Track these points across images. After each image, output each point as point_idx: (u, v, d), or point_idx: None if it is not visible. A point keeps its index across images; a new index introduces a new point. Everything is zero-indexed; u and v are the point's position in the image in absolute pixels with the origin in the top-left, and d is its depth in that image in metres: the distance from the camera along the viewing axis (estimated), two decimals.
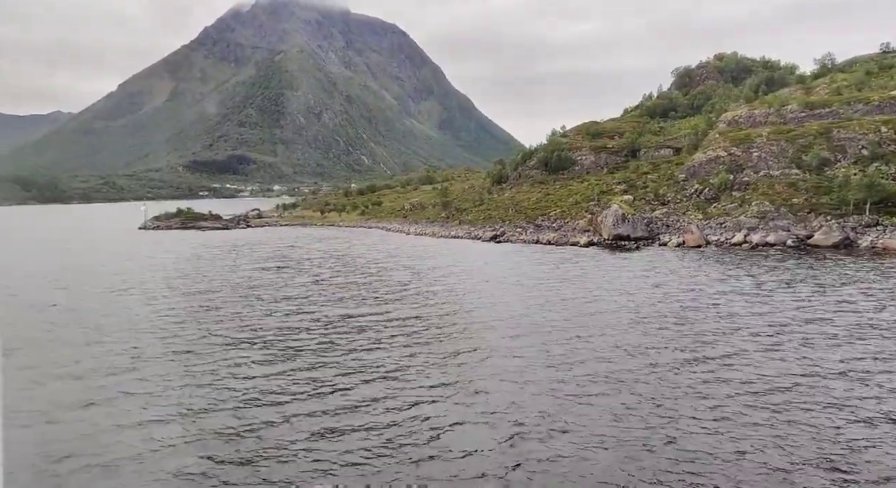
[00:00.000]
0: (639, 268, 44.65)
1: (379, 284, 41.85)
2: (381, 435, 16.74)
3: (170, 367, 23.25)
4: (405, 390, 20.24)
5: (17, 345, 26.59)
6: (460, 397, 19.49)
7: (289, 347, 25.76)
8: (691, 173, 66.71)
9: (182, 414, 18.59)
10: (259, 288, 41.47)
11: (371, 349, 25.17)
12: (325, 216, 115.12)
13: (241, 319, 31.53)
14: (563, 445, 15.91)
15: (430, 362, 23.14)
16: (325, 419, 17.99)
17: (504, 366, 22.34)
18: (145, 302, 36.81)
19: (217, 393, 20.39)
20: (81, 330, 29.53)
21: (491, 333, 27.26)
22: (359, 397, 19.70)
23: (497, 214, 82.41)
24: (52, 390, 20.92)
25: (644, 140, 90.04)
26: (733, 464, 14.71)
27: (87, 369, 23.16)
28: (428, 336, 27.07)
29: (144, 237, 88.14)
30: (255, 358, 24.34)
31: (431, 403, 19.05)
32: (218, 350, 25.61)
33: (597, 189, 77.41)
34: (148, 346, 26.29)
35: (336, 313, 32.42)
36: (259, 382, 21.45)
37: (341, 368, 22.70)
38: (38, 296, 39.04)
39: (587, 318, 29.37)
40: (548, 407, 18.45)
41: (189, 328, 29.70)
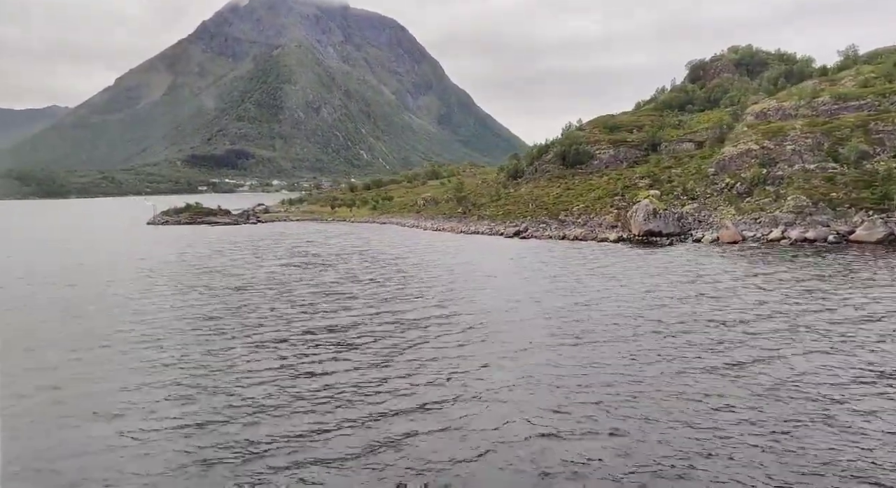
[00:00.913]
0: (682, 267, 42.87)
1: (416, 281, 40.04)
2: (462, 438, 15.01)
3: (229, 367, 21.47)
4: (487, 391, 18.50)
5: (68, 346, 24.83)
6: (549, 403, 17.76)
7: (346, 347, 23.96)
8: (721, 167, 64.93)
9: (264, 414, 16.83)
10: (293, 285, 39.65)
11: (434, 347, 23.41)
12: (335, 211, 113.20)
13: (287, 318, 29.73)
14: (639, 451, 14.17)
15: (498, 362, 21.39)
16: (401, 420, 16.25)
17: (577, 370, 20.60)
18: (183, 300, 34.98)
19: (285, 392, 18.62)
20: (122, 331, 27.72)
21: (545, 332, 25.49)
22: (438, 398, 17.95)
23: (516, 210, 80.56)
24: (105, 388, 19.17)
25: (663, 134, 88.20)
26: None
27: (137, 370, 21.39)
28: (483, 334, 25.30)
29: (156, 233, 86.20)
30: (315, 357, 22.54)
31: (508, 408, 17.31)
32: (271, 350, 23.83)
33: (620, 184, 75.66)
34: (198, 346, 24.52)
35: (384, 310, 30.63)
36: (326, 380, 19.70)
37: (414, 368, 20.94)
38: (67, 298, 37.20)
39: (656, 323, 27.60)
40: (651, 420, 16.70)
41: (236, 327, 27.90)
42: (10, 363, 23.27)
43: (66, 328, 28.92)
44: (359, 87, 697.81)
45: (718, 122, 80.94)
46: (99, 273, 46.96)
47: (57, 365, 22.90)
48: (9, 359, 23.80)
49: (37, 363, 23.16)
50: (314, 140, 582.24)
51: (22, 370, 22.35)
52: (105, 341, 26.20)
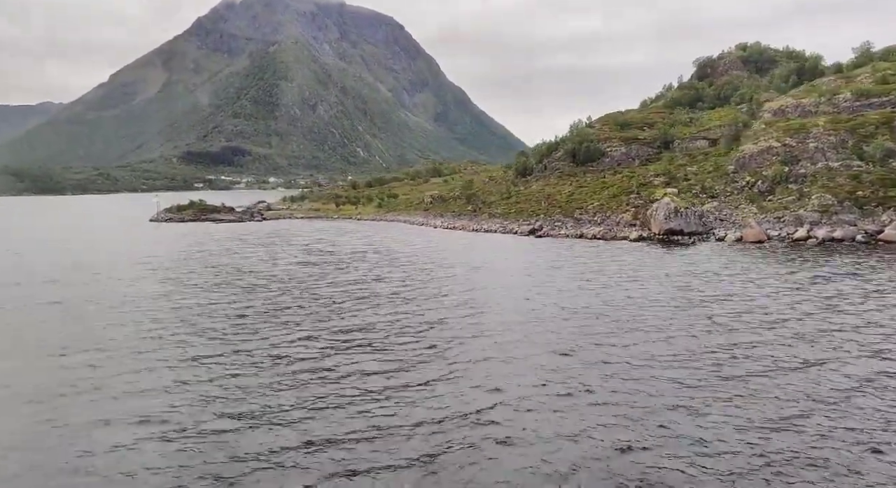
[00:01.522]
0: (713, 266, 41.65)
1: (439, 280, 38.70)
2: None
3: (263, 368, 20.15)
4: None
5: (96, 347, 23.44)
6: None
7: (380, 349, 22.63)
8: (741, 165, 63.79)
9: (300, 419, 15.53)
10: (314, 283, 38.27)
11: (474, 349, 22.13)
12: (340, 209, 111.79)
13: (315, 317, 28.36)
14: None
15: (547, 367, 20.11)
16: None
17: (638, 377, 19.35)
18: (207, 299, 33.59)
19: (321, 395, 17.31)
20: (148, 330, 26.35)
21: (586, 334, 24.24)
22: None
23: (528, 208, 79.32)
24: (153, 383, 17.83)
25: (676, 131, 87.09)
26: None
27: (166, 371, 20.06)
28: (521, 336, 24.02)
29: (160, 230, 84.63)
30: (349, 359, 21.21)
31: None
32: (302, 350, 22.50)
33: (634, 181, 74.50)
34: (227, 346, 23.16)
35: (411, 310, 29.30)
36: (365, 384, 18.37)
37: (456, 373, 19.65)
38: (86, 299, 35.77)
39: (708, 323, 26.35)
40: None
41: (264, 327, 26.52)
42: (35, 365, 21.96)
43: (92, 328, 27.55)
44: (355, 84, 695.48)
45: (733, 120, 79.82)
46: (112, 272, 45.48)
47: (78, 366, 21.57)
48: (34, 362, 22.49)
49: (67, 365, 21.82)
50: (310, 137, 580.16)
51: (51, 372, 21.02)
52: (132, 342, 24.89)
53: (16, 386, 19.95)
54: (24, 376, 21.16)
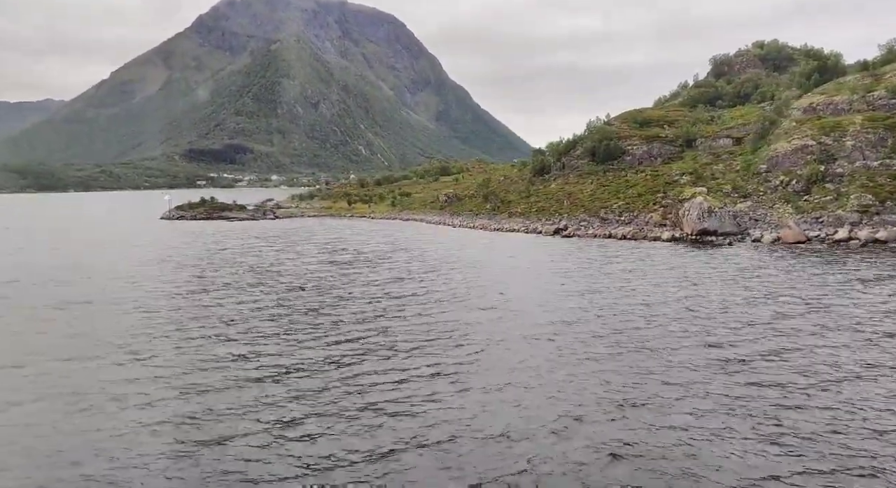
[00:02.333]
0: (759, 269, 40.01)
1: (476, 282, 37.04)
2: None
3: (310, 373, 18.56)
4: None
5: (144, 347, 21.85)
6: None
7: (430, 354, 21.05)
8: (773, 164, 62.20)
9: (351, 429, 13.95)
10: (347, 284, 36.62)
11: (527, 356, 20.55)
12: (353, 207, 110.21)
13: (356, 318, 26.74)
14: None
15: (607, 377, 18.51)
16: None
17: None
18: (245, 299, 31.98)
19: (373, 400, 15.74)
20: (183, 331, 24.74)
21: (638, 341, 22.66)
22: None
23: (550, 207, 77.79)
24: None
25: (698, 129, 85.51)
26: None
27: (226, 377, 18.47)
28: (570, 341, 22.44)
29: (174, 228, 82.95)
30: (401, 363, 19.62)
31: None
32: (348, 355, 20.90)
33: (660, 181, 72.95)
34: (274, 347, 21.57)
35: (457, 314, 27.69)
36: (427, 389, 16.77)
37: (509, 382, 18.06)
38: (115, 298, 34.15)
39: (771, 332, 24.75)
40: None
41: (306, 329, 24.91)
42: (78, 367, 20.37)
43: (128, 328, 25.98)
44: (357, 82, 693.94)
45: (759, 118, 78.24)
46: (141, 272, 43.87)
47: (117, 366, 20.03)
48: (78, 362, 20.90)
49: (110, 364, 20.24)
50: (312, 135, 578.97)
51: (99, 373, 19.44)
52: (172, 343, 23.36)
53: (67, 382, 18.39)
54: (83, 374, 19.62)
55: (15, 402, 17.88)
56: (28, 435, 15.68)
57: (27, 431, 15.87)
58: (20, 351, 23.17)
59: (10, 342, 24.79)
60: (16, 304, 32.55)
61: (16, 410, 17.39)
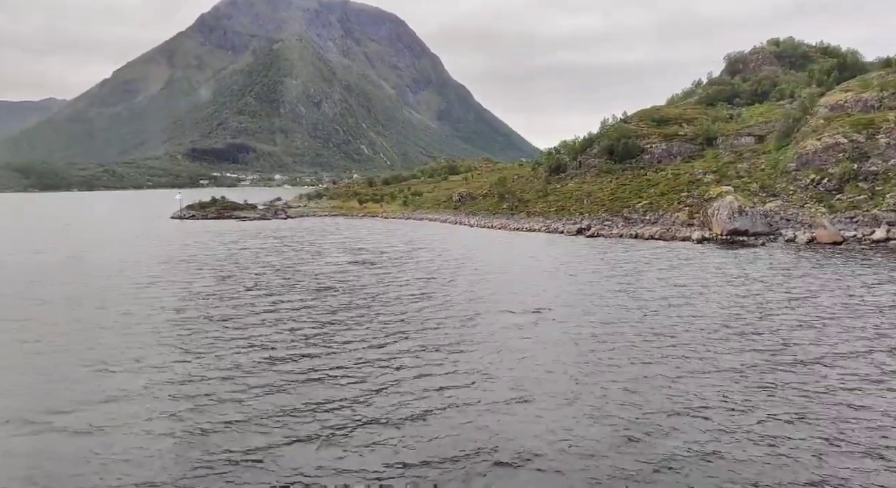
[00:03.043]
0: (801, 270, 38.64)
1: (506, 284, 35.67)
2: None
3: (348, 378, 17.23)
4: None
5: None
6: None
7: (475, 361, 19.69)
8: (803, 162, 60.80)
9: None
10: (375, 285, 35.26)
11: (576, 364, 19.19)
12: (365, 207, 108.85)
13: (390, 319, 25.38)
14: None
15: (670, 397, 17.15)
16: None
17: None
18: (278, 301, 30.62)
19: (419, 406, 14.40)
20: (218, 332, 23.40)
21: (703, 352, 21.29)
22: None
23: (569, 206, 76.39)
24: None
25: (719, 127, 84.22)
26: None
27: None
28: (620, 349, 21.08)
29: (186, 228, 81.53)
30: (445, 369, 18.26)
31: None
32: (394, 357, 19.56)
33: (682, 179, 71.60)
34: (314, 349, 20.23)
35: (499, 318, 26.33)
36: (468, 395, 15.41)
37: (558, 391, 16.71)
38: (141, 299, 32.82)
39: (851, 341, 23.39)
40: None
41: (338, 333, 23.56)
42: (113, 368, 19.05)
43: (158, 331, 24.71)
44: (359, 81, 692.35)
45: (783, 116, 76.89)
46: (166, 272, 42.54)
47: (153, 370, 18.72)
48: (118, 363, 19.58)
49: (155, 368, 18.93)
50: (315, 134, 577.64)
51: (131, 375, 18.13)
52: (206, 346, 22.10)
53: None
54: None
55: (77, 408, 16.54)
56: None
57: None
58: (77, 362, 21.86)
59: (70, 350, 23.49)
60: (56, 313, 31.25)
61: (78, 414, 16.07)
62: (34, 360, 21.75)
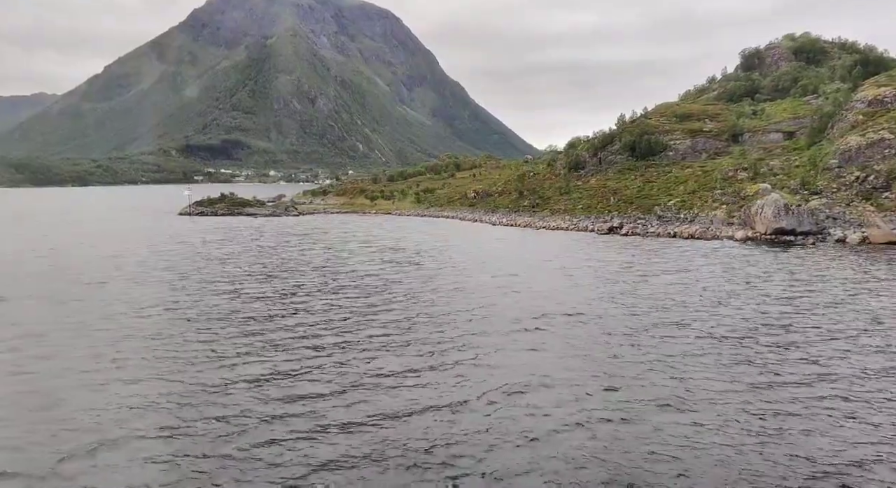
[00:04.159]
0: (872, 273, 36.53)
1: (557, 286, 33.46)
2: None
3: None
4: None
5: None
6: None
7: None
8: (846, 159, 58.71)
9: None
10: (409, 285, 32.93)
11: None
12: (375, 203, 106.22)
13: (438, 322, 23.06)
14: None
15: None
16: None
17: None
18: (328, 305, 28.22)
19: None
20: (251, 332, 21.01)
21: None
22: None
23: (595, 204, 74.17)
24: None
25: (744, 123, 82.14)
26: None
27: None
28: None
29: (197, 225, 78.67)
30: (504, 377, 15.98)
31: None
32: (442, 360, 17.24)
33: (713, 176, 69.46)
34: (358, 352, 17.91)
35: (570, 326, 24.05)
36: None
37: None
38: (168, 302, 30.35)
39: None
40: None
41: (380, 335, 21.21)
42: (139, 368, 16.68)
43: (187, 333, 22.37)
44: (353, 77, 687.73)
45: (814, 111, 74.90)
46: (196, 272, 40.01)
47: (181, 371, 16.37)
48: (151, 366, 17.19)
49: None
50: (310, 131, 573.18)
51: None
52: (240, 346, 19.84)
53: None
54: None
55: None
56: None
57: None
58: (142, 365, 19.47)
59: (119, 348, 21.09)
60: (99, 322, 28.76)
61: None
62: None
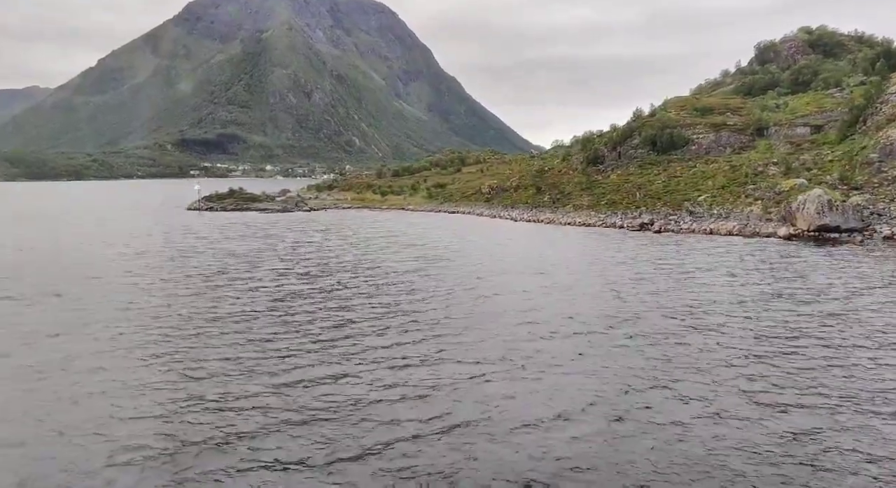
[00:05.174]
0: None
1: (617, 288, 31.51)
2: None
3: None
4: None
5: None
6: None
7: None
8: (887, 153, 56.94)
9: None
10: (486, 302, 30.91)
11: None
12: (386, 198, 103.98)
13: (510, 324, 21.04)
14: None
15: None
16: None
17: None
18: (400, 313, 26.16)
19: None
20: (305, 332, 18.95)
21: None
22: None
23: (619, 199, 72.20)
24: None
25: (770, 117, 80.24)
26: None
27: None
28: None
29: (208, 220, 76.11)
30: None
31: None
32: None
33: (743, 171, 67.58)
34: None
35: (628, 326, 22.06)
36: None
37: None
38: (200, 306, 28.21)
39: None
40: None
41: (447, 339, 19.18)
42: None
43: (231, 336, 20.29)
44: (349, 72, 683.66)
45: (845, 104, 73.08)
46: (236, 271, 37.84)
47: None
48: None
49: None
50: (306, 125, 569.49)
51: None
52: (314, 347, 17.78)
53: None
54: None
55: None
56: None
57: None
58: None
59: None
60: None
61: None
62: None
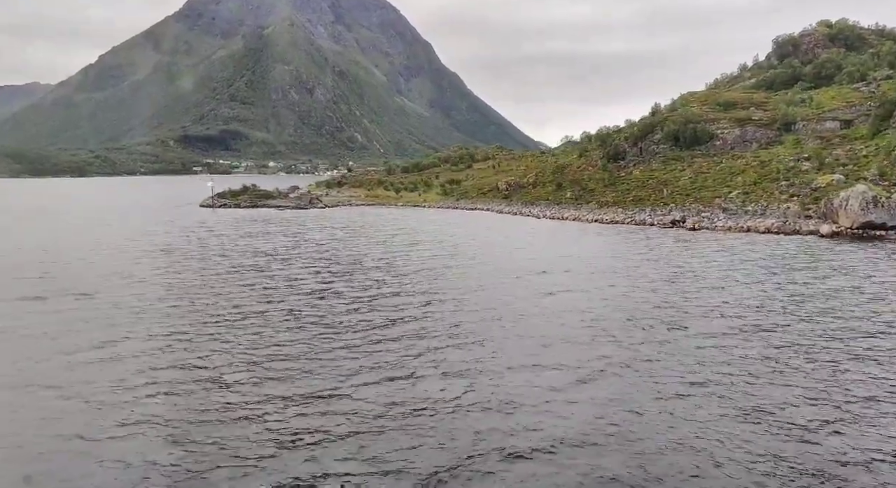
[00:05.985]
0: None
1: (684, 289, 29.87)
2: None
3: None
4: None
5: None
6: None
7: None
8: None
9: None
10: (527, 302, 29.28)
11: None
12: (400, 195, 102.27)
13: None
14: None
15: None
16: None
17: None
18: (462, 323, 24.50)
19: None
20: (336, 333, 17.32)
21: None
22: None
23: (645, 196, 70.57)
24: None
25: (797, 111, 78.46)
26: None
27: None
28: None
29: (223, 217, 74.40)
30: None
31: None
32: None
33: (774, 167, 65.86)
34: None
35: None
36: None
37: None
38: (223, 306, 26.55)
39: None
40: None
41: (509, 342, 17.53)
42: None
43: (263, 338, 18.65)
44: (351, 67, 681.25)
45: (874, 98, 71.39)
46: (279, 271, 36.21)
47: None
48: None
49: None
50: (308, 122, 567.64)
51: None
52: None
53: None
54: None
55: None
56: None
57: None
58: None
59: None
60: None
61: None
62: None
